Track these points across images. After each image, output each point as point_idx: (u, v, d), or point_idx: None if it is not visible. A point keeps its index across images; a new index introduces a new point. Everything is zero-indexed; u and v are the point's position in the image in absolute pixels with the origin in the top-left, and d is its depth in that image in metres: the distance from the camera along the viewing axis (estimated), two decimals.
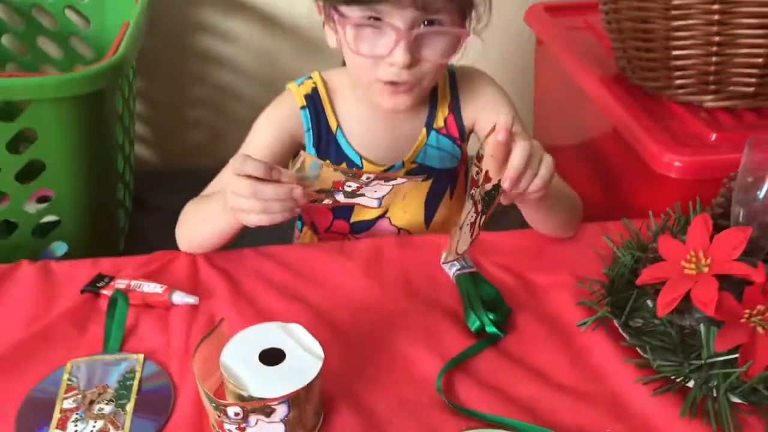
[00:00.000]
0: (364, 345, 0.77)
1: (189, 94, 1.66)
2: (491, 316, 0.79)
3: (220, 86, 1.67)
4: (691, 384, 0.71)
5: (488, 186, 0.74)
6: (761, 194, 0.75)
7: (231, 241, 0.89)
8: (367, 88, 0.89)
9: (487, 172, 0.74)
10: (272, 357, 0.66)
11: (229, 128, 1.70)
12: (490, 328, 0.78)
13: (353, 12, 0.83)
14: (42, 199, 1.24)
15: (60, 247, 1.20)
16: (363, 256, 0.90)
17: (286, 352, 0.66)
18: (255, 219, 0.74)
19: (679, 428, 0.68)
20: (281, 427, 0.64)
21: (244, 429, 0.63)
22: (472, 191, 0.75)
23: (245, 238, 0.89)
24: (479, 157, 0.74)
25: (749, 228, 0.73)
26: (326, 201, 0.78)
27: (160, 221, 1.56)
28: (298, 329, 0.69)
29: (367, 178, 0.75)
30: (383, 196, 0.79)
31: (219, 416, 0.63)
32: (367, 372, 0.73)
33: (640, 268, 0.80)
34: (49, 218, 1.18)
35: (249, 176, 0.72)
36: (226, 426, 0.64)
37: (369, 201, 0.79)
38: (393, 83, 0.85)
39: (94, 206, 1.17)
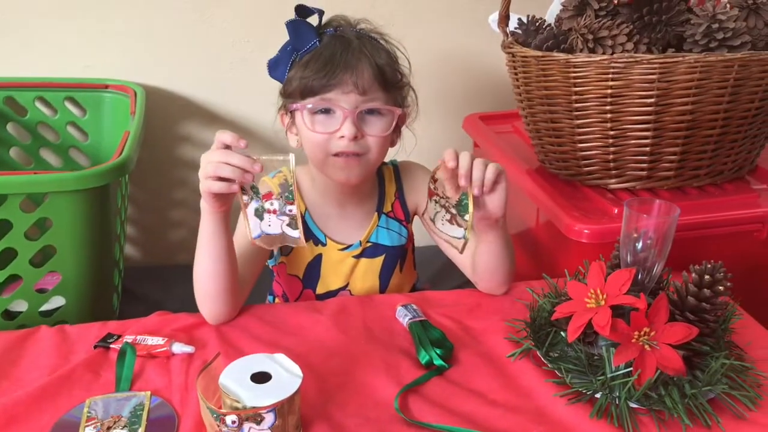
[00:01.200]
0: (334, 378, 0.93)
1: (172, 197, 1.84)
2: (438, 351, 0.96)
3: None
4: (598, 395, 0.88)
5: (453, 200, 0.96)
6: (639, 245, 0.96)
7: (227, 261, 0.99)
8: (323, 165, 1.08)
9: (445, 191, 0.97)
10: (261, 378, 0.82)
11: None
12: (438, 361, 0.95)
13: (308, 102, 1.05)
14: (41, 291, 1.40)
15: None
16: (331, 311, 1.07)
17: (272, 373, 0.83)
18: (209, 185, 0.89)
19: (588, 428, 0.85)
20: None
21: None
22: (434, 198, 0.98)
23: None
24: (434, 179, 0.97)
25: (633, 269, 0.93)
26: (245, 198, 0.91)
27: (147, 308, 1.71)
28: (281, 357, 0.86)
29: (270, 204, 0.91)
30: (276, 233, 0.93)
31: (218, 426, 0.79)
32: (337, 397, 0.89)
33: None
34: (55, 302, 1.34)
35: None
36: None
37: (273, 227, 0.93)
38: (345, 155, 1.05)
39: (95, 289, 1.32)
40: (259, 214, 0.92)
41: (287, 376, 0.82)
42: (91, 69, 1.70)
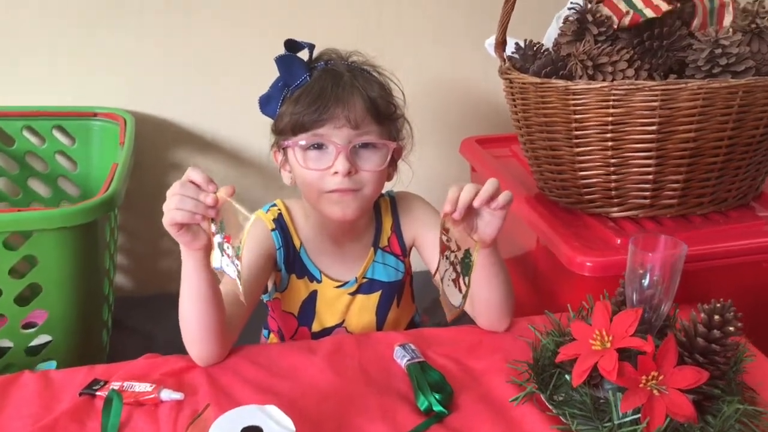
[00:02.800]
0: (328, 424, 0.89)
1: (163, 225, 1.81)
2: (437, 397, 0.93)
3: None
4: None
5: (460, 254, 0.91)
6: (646, 282, 0.92)
7: (212, 302, 0.94)
8: (318, 202, 1.05)
9: (456, 241, 0.91)
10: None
11: None
12: (437, 407, 0.91)
13: (300, 138, 1.02)
14: (28, 326, 1.36)
15: (49, 366, 1.31)
16: (326, 351, 1.03)
17: (263, 428, 0.79)
18: (173, 214, 0.85)
19: None
20: None
21: None
22: (446, 253, 0.91)
23: None
24: (444, 229, 0.91)
25: (640, 309, 0.90)
26: (213, 228, 0.87)
27: (138, 341, 1.68)
28: (273, 409, 0.82)
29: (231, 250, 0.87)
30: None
31: None
32: None
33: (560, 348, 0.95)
34: (42, 339, 1.30)
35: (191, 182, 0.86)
36: None
37: (228, 269, 0.88)
38: (339, 191, 1.02)
39: (83, 326, 1.28)
40: (221, 249, 0.89)
41: (279, 431, 0.78)
42: (80, 97, 1.67)
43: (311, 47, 1.05)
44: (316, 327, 1.16)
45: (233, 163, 1.80)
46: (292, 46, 1.04)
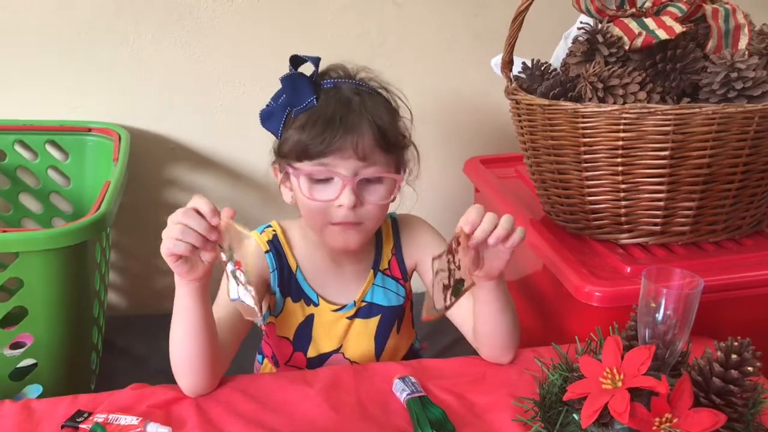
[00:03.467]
0: None
1: (159, 242, 1.76)
2: None
3: None
4: None
5: (458, 274, 0.87)
6: (659, 316, 0.87)
7: (205, 335, 0.90)
8: (321, 231, 1.02)
9: (460, 260, 0.87)
10: None
11: None
12: None
13: (305, 165, 0.97)
14: (15, 346, 1.31)
15: (34, 390, 1.26)
16: (322, 384, 0.99)
17: None
18: (173, 245, 0.81)
19: None
20: None
21: None
22: (449, 257, 0.86)
23: None
24: (456, 241, 0.87)
25: (653, 346, 0.85)
26: (223, 257, 0.84)
27: (129, 363, 1.63)
28: None
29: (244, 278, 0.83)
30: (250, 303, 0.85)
31: None
32: None
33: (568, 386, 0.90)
34: (27, 362, 1.25)
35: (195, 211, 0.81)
36: None
37: (246, 297, 0.84)
38: (343, 224, 0.98)
39: (70, 350, 1.24)
40: (235, 278, 0.85)
41: None
42: (75, 111, 1.62)
43: (316, 62, 1.00)
44: (312, 352, 1.11)
45: (231, 180, 1.75)
46: (296, 61, 1.00)
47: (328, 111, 0.97)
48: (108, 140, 1.53)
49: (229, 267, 0.85)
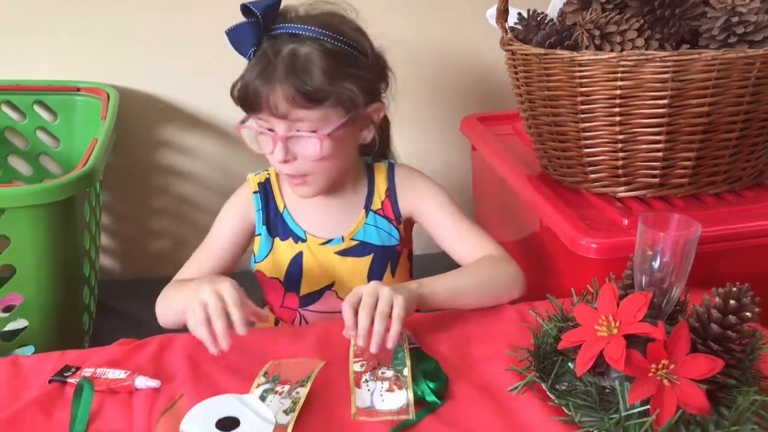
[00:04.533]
0: (313, 416, 0.83)
1: (152, 205, 1.74)
2: (431, 386, 0.86)
3: (181, 197, 1.76)
4: None
5: (387, 363, 0.89)
6: (656, 264, 0.85)
7: None
8: (283, 179, 1.07)
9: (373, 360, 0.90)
10: (228, 424, 0.72)
11: (190, 236, 1.77)
12: (430, 397, 0.85)
13: (251, 122, 1.01)
14: (7, 309, 1.30)
15: (26, 351, 1.25)
16: (315, 337, 0.97)
17: (240, 419, 0.73)
18: (197, 328, 0.86)
19: None
20: None
21: None
22: (363, 379, 0.87)
23: None
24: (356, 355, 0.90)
25: (649, 293, 0.83)
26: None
27: (123, 326, 1.62)
28: (251, 399, 0.76)
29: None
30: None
31: None
32: None
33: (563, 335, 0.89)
34: (18, 324, 1.23)
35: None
36: None
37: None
38: (288, 176, 1.02)
39: (61, 309, 1.22)
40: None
41: (258, 422, 0.72)
42: (63, 71, 1.59)
43: (268, 7, 0.97)
44: (305, 289, 1.12)
45: (221, 139, 1.73)
46: (247, 11, 0.97)
47: (256, 68, 0.97)
48: (97, 100, 1.50)
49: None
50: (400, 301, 0.88)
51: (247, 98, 0.98)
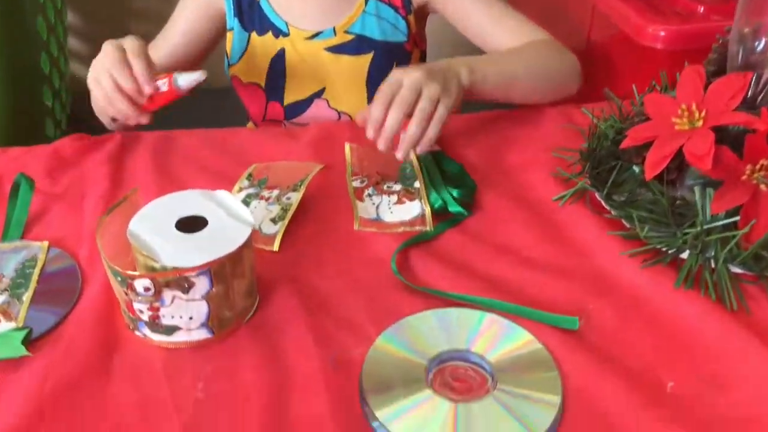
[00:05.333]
0: (311, 226, 0.66)
1: (128, 5, 1.53)
2: (455, 193, 0.69)
3: None
4: (685, 255, 0.62)
5: (393, 178, 0.72)
6: (760, 45, 0.65)
7: None
8: None
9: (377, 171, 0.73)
10: (192, 225, 0.55)
11: None
12: (453, 207, 0.68)
13: None
14: None
15: None
16: (311, 137, 0.79)
17: (208, 219, 0.56)
18: (103, 107, 0.74)
19: (672, 301, 0.58)
20: (204, 306, 0.53)
21: (158, 309, 0.53)
22: (367, 191, 0.71)
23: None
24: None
25: (749, 73, 0.63)
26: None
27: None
28: (224, 195, 0.59)
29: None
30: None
31: (127, 294, 0.52)
32: (315, 253, 0.63)
33: (623, 140, 0.69)
34: None
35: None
36: (137, 306, 0.53)
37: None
38: None
39: (14, 111, 1.04)
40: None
41: (231, 223, 0.55)
42: None
43: None
44: (289, 98, 0.92)
45: None
46: None
47: None
48: None
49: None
50: (447, 102, 0.68)
51: None
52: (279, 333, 0.55)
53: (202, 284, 0.52)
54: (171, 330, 0.54)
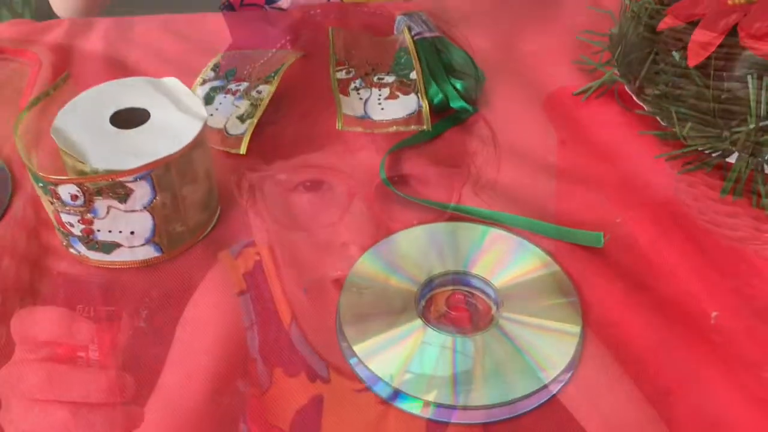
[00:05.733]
0: (283, 123, 0.56)
1: None
2: (458, 85, 0.58)
3: None
4: (732, 160, 0.51)
5: (385, 68, 0.60)
6: None
7: None
8: None
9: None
10: (131, 119, 0.45)
11: None
12: (456, 102, 0.57)
13: None
14: None
15: None
16: (292, 22, 0.67)
17: (151, 112, 0.45)
18: None
19: (716, 212, 0.48)
20: (147, 218, 0.44)
21: (92, 222, 0.43)
22: (353, 84, 0.58)
23: None
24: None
25: None
26: None
27: None
28: (173, 84, 0.48)
29: None
30: None
31: (52, 203, 0.43)
32: (292, 152, 0.53)
33: (657, 23, 0.57)
34: None
35: None
36: (66, 219, 0.43)
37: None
38: None
39: None
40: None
41: (179, 117, 0.45)
42: None
43: None
44: None
45: None
46: None
47: None
48: None
49: None
50: None
51: None
52: None
53: (142, 192, 0.42)
54: (110, 247, 0.44)
